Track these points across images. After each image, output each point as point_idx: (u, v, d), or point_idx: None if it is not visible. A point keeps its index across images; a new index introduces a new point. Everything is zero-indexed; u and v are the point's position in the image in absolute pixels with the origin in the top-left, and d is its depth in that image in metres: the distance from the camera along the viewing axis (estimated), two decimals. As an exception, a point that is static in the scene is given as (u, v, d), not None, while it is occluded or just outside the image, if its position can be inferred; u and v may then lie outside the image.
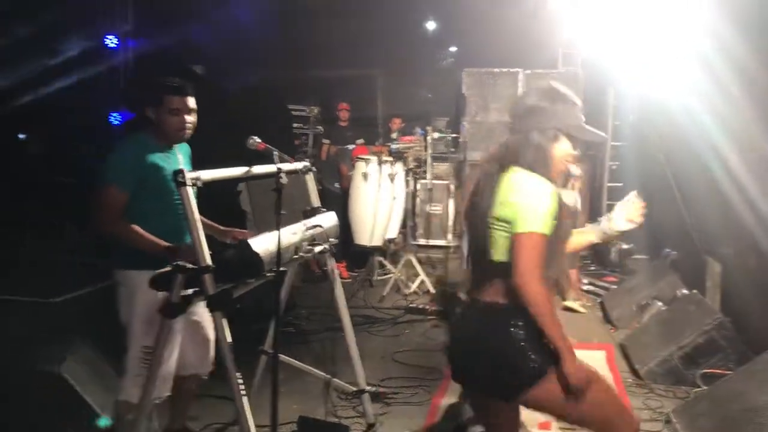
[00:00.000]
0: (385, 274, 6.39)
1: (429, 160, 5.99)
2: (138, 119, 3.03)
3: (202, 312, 2.94)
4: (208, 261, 2.24)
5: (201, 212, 2.38)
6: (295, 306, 5.39)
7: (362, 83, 10.66)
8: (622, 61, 6.97)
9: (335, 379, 3.44)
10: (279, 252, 2.39)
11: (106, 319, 2.97)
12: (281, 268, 2.42)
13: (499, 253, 1.97)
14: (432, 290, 5.86)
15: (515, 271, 1.87)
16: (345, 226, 5.53)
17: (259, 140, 2.79)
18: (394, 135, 7.56)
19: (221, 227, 3.01)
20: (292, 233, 2.70)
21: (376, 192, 5.70)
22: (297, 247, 2.70)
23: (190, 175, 2.24)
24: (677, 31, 5.20)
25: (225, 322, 2.28)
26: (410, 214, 6.16)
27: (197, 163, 3.01)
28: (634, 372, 4.19)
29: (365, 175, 5.76)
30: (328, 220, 3.20)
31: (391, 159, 5.89)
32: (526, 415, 3.56)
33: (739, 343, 3.94)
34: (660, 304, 4.88)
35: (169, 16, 7.43)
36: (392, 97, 10.73)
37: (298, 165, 3.34)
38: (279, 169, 2.48)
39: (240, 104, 7.13)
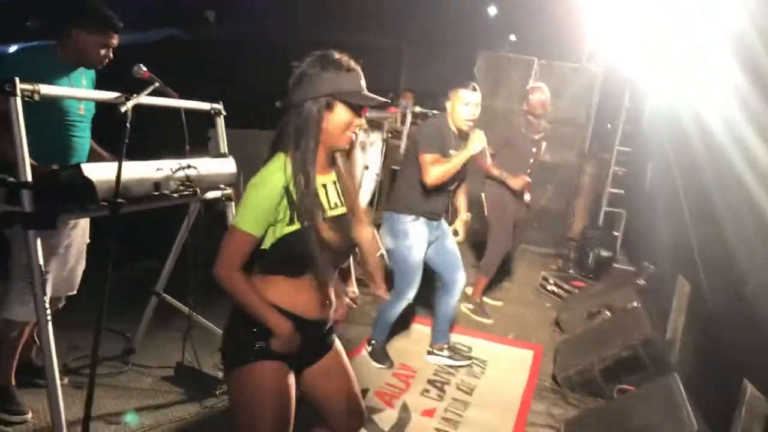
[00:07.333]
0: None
1: (405, 132, 5.76)
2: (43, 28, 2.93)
3: (74, 235, 2.89)
4: (29, 177, 2.16)
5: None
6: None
7: (387, 54, 10.47)
8: (642, 67, 6.55)
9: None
10: (118, 182, 2.27)
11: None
12: (120, 200, 2.30)
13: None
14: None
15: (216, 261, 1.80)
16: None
17: (144, 68, 2.68)
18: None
19: (107, 154, 2.93)
20: (156, 168, 2.60)
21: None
22: (158, 184, 2.58)
23: (23, 86, 2.15)
24: (705, 43, 4.72)
25: (39, 243, 2.21)
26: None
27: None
28: (554, 377, 3.98)
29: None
30: (224, 166, 3.09)
31: (366, 127, 5.67)
32: (413, 400, 3.45)
33: (664, 363, 3.68)
34: (608, 313, 4.62)
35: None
36: (415, 72, 10.53)
37: (206, 106, 3.26)
38: (125, 96, 2.31)
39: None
